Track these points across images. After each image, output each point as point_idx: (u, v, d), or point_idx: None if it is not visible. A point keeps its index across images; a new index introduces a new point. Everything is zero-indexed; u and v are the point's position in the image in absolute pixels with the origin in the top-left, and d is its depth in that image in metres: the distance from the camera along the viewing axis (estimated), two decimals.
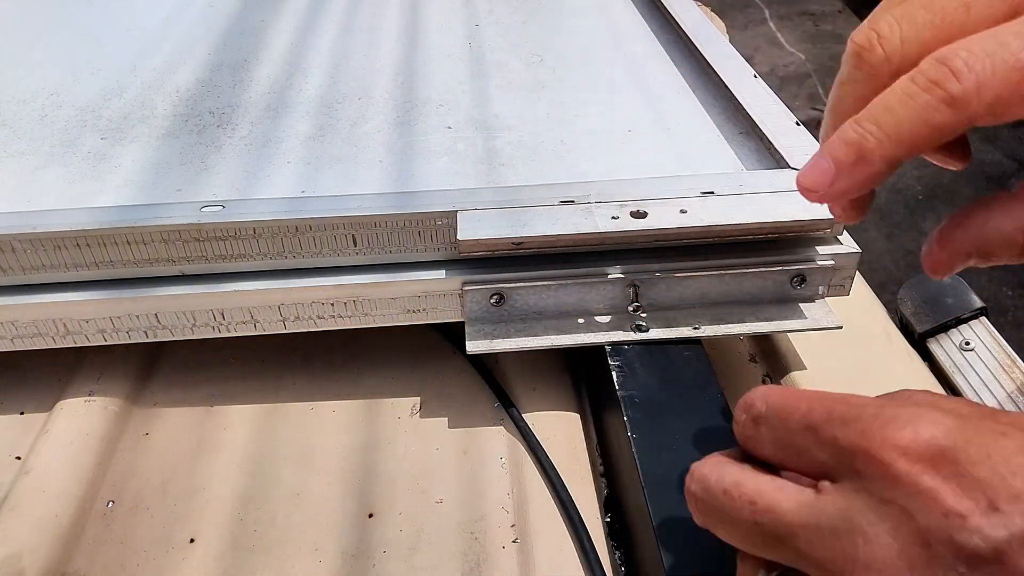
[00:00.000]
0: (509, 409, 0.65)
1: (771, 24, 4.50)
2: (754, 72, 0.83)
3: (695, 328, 0.61)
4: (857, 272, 0.65)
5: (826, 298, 0.64)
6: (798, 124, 0.72)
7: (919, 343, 0.79)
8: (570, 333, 0.61)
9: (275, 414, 0.66)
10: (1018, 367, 0.72)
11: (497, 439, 0.63)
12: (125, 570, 0.55)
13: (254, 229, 0.60)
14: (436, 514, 0.58)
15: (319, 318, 0.63)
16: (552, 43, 0.97)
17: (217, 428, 0.65)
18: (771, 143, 0.70)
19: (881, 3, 0.31)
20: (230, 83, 0.88)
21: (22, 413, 0.67)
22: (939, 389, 0.70)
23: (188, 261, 0.61)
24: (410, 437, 0.64)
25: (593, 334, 0.61)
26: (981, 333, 0.77)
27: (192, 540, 0.57)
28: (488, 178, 0.69)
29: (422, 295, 0.62)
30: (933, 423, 0.29)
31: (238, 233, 0.60)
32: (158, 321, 0.63)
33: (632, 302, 0.62)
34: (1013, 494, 0.26)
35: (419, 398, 0.67)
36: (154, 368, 0.71)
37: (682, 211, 0.60)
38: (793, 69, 4.07)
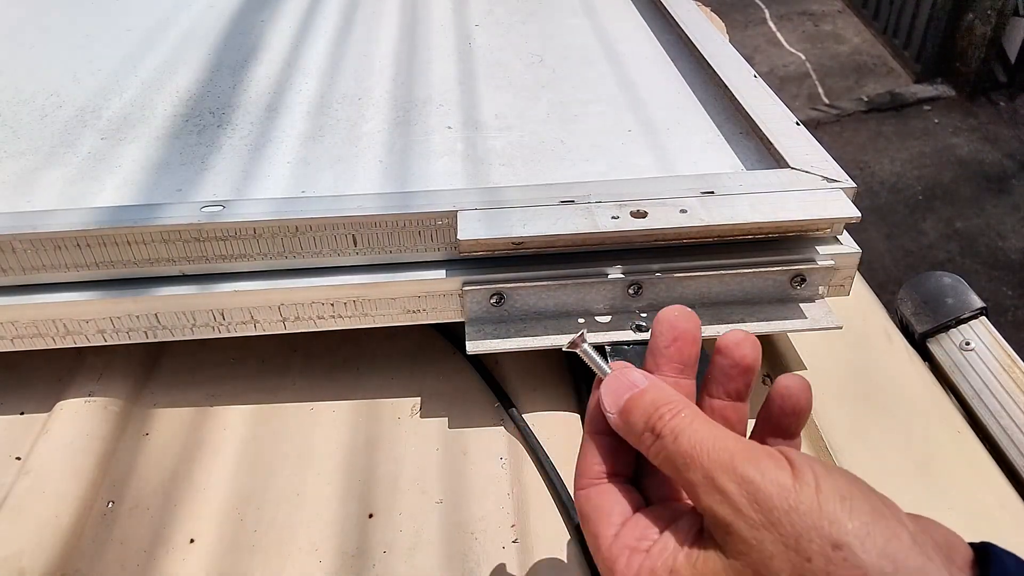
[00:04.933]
0: (509, 409, 0.65)
1: (771, 24, 4.50)
2: (754, 72, 0.83)
3: None
4: (857, 272, 0.65)
5: (826, 298, 0.64)
6: (798, 124, 0.72)
7: (919, 343, 0.79)
8: (570, 333, 0.61)
9: (275, 414, 0.66)
10: (1018, 367, 0.72)
11: (497, 439, 0.63)
12: (125, 570, 0.55)
13: (254, 229, 0.60)
14: (436, 514, 0.58)
15: (319, 318, 0.63)
16: (552, 43, 0.97)
17: (217, 428, 0.65)
18: (771, 143, 0.69)
19: None
20: (230, 83, 0.88)
21: (22, 413, 0.67)
22: (939, 389, 0.70)
23: (188, 261, 0.61)
24: (410, 437, 0.64)
25: (593, 334, 0.61)
26: (981, 333, 0.77)
27: (192, 540, 0.57)
28: (488, 178, 0.69)
29: (422, 295, 0.62)
30: None
31: (238, 233, 0.60)
32: (158, 321, 0.63)
33: (633, 301, 0.62)
34: None
35: (419, 398, 0.67)
36: (154, 368, 0.71)
37: (682, 211, 0.59)
38: (793, 69, 4.08)
